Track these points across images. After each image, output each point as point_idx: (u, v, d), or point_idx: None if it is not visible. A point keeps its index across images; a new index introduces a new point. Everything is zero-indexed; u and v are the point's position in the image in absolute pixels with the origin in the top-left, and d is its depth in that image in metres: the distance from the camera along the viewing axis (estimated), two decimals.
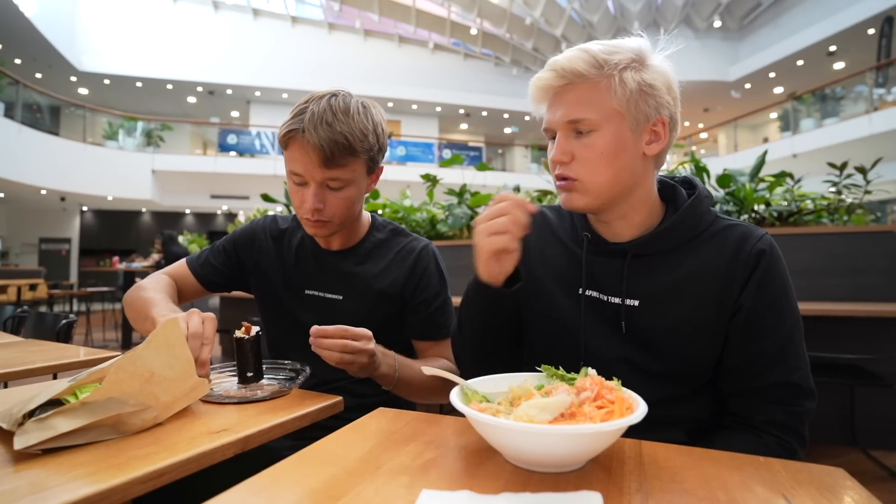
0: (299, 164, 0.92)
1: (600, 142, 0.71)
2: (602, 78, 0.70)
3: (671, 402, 0.71)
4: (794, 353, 0.70)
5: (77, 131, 11.44)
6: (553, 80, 0.72)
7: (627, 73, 0.70)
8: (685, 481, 0.47)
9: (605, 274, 0.78)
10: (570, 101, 0.71)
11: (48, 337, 1.67)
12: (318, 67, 14.42)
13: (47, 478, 0.48)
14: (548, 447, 0.46)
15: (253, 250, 1.13)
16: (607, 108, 0.70)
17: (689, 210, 0.74)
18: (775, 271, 0.71)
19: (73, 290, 8.04)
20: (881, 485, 2.00)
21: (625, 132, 0.71)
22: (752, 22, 13.35)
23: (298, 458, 0.51)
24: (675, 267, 0.74)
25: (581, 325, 0.77)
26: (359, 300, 1.04)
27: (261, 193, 4.01)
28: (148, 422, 0.61)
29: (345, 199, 0.96)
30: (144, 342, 0.63)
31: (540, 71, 0.73)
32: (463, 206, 3.39)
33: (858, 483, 0.47)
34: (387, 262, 1.06)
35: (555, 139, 0.75)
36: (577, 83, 0.71)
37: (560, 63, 0.71)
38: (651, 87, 0.70)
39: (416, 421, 0.64)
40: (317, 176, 0.92)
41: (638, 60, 0.71)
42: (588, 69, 0.70)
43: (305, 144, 0.89)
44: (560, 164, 0.73)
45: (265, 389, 0.80)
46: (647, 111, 0.71)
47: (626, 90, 0.69)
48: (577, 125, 0.71)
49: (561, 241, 0.84)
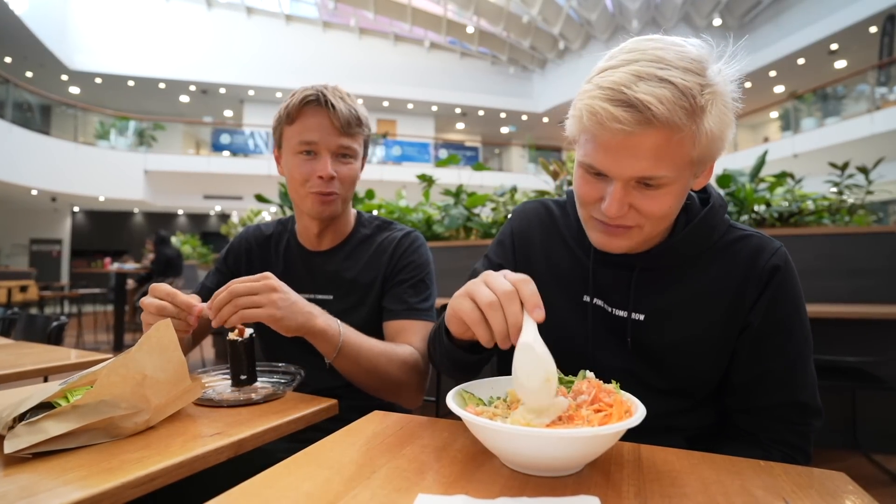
0: (315, 132, 0.95)
1: (670, 197, 0.62)
2: (693, 126, 0.57)
3: (674, 414, 0.71)
4: (802, 372, 0.68)
5: (68, 131, 11.34)
6: (632, 124, 0.56)
7: (713, 113, 0.58)
8: (684, 485, 0.47)
9: (611, 285, 0.74)
10: (648, 154, 0.58)
11: (39, 339, 1.65)
12: (312, 66, 14.38)
13: (38, 482, 0.47)
14: (545, 451, 0.46)
15: (244, 259, 1.14)
16: (687, 160, 0.60)
17: (702, 224, 0.70)
18: (788, 288, 0.68)
19: (64, 292, 7.97)
20: (883, 489, 1.98)
21: (690, 179, 0.63)
22: (752, 20, 13.33)
23: (293, 462, 0.51)
24: (684, 281, 0.70)
25: (588, 335, 0.75)
26: (348, 297, 1.04)
27: (255, 194, 3.98)
28: (140, 425, 0.61)
29: (351, 171, 1.00)
30: (137, 344, 0.62)
31: (605, 101, 0.56)
32: (459, 207, 3.38)
33: (860, 487, 0.47)
34: (369, 255, 1.07)
35: (599, 177, 0.63)
36: (663, 132, 0.56)
37: (652, 105, 0.54)
38: (726, 126, 0.60)
39: (411, 424, 0.64)
40: (332, 143, 0.96)
41: (712, 87, 0.58)
42: (685, 120, 0.56)
43: (323, 112, 0.94)
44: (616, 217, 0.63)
45: (259, 392, 0.79)
46: (715, 153, 0.62)
47: (709, 138, 0.59)
48: (648, 181, 0.60)
49: (567, 244, 0.80)
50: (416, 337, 0.95)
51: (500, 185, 3.75)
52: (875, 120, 9.13)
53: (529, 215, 0.87)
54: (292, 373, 0.88)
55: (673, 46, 0.59)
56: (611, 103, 0.56)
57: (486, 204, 3.44)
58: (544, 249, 0.82)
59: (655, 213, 0.62)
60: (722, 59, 0.61)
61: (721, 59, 0.61)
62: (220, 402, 0.74)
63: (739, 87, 0.62)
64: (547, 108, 15.91)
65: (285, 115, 0.98)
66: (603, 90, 0.57)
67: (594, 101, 0.57)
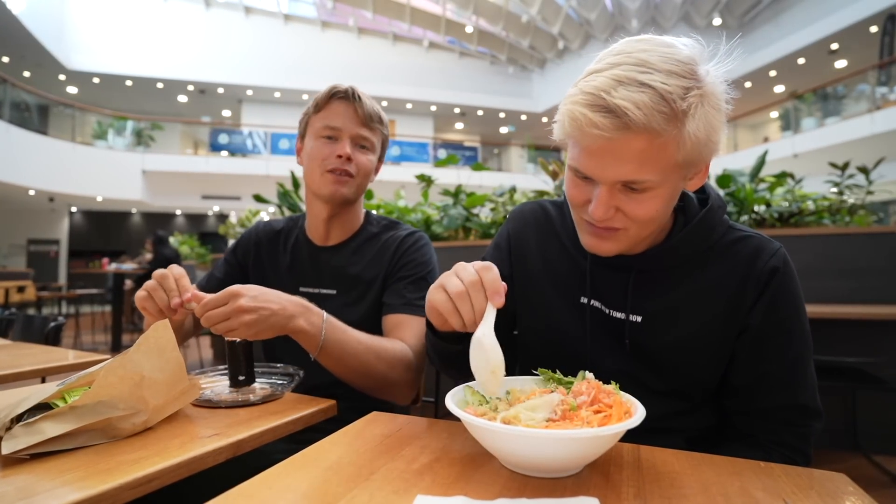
0: (339, 119, 1.03)
1: (657, 201, 0.61)
2: (674, 130, 0.56)
3: (673, 416, 0.70)
4: (802, 374, 0.68)
5: (66, 131, 11.31)
6: (610, 130, 0.55)
7: (697, 116, 0.57)
8: (684, 487, 0.47)
9: (609, 286, 0.74)
10: (630, 159, 0.57)
11: (36, 340, 1.65)
12: (310, 66, 14.36)
13: (35, 483, 0.47)
14: (543, 452, 0.45)
15: (252, 253, 1.17)
16: (671, 164, 0.59)
17: (701, 225, 0.69)
18: (787, 290, 0.67)
19: (61, 293, 7.95)
20: (884, 490, 1.97)
21: (678, 182, 0.63)
22: (752, 19, 13.28)
23: (291, 463, 0.51)
24: (682, 283, 0.70)
25: (585, 336, 0.75)
26: (351, 292, 1.07)
27: (253, 194, 3.98)
28: (138, 426, 0.61)
29: (367, 161, 1.06)
30: (135, 345, 0.62)
31: (585, 106, 0.56)
32: (458, 207, 3.38)
33: (860, 489, 0.47)
34: (375, 252, 1.09)
35: (587, 180, 0.63)
36: (643, 136, 0.56)
37: (629, 111, 0.54)
38: (714, 129, 0.59)
39: (410, 425, 0.64)
40: (353, 130, 1.03)
41: (700, 90, 0.57)
42: (663, 125, 0.55)
43: (349, 103, 1.03)
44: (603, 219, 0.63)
45: (257, 393, 0.79)
46: (705, 156, 0.61)
47: (694, 141, 0.57)
48: (632, 184, 0.60)
49: (563, 244, 0.80)
50: (411, 332, 0.95)
51: (499, 186, 3.74)
52: (875, 120, 9.10)
53: (526, 217, 0.87)
54: (291, 373, 0.88)
55: (661, 48, 0.58)
56: (590, 109, 0.56)
57: (485, 204, 3.44)
58: (541, 251, 0.82)
59: (642, 216, 0.62)
60: (714, 58, 0.60)
61: (713, 59, 0.60)
62: (218, 402, 0.74)
63: (732, 88, 0.61)
64: (546, 107, 15.90)
65: (313, 106, 1.07)
66: (584, 95, 0.57)
67: (575, 106, 0.57)
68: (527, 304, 0.81)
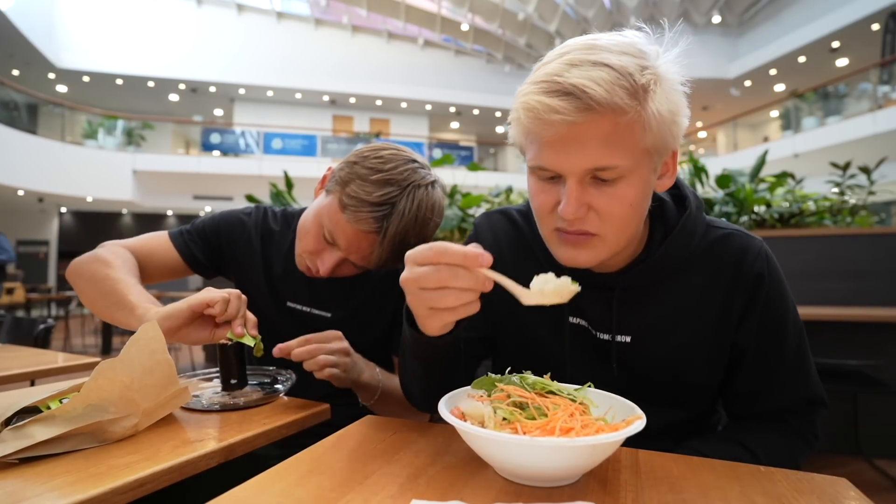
0: (343, 238, 0.86)
1: (630, 192, 0.57)
2: (638, 107, 0.53)
3: (671, 427, 0.69)
4: (801, 369, 0.68)
5: (55, 130, 11.18)
6: (573, 113, 0.52)
7: (658, 94, 0.55)
8: (683, 492, 0.46)
9: (592, 305, 0.70)
10: (596, 143, 0.54)
11: (25, 342, 1.63)
12: (304, 65, 14.30)
13: (25, 488, 0.46)
14: (539, 461, 0.44)
15: (236, 242, 1.03)
16: (640, 148, 0.56)
17: (682, 233, 0.66)
18: (775, 295, 0.67)
19: (51, 294, 7.86)
20: (886, 495, 1.96)
21: (649, 173, 0.59)
22: (752, 17, 13.28)
23: (284, 467, 0.51)
24: (667, 295, 0.68)
25: (566, 357, 0.71)
26: (351, 320, 0.97)
27: (245, 194, 3.96)
28: (128, 430, 0.60)
29: (351, 265, 0.92)
30: (125, 347, 0.61)
31: (540, 94, 0.53)
32: (454, 208, 3.38)
33: (862, 493, 0.46)
34: (380, 279, 1.00)
35: (553, 180, 0.59)
36: (608, 117, 0.53)
37: (588, 88, 0.51)
38: (678, 107, 0.57)
39: (405, 429, 0.63)
40: (355, 252, 0.87)
41: (654, 68, 0.55)
42: (628, 101, 0.52)
43: (372, 233, 0.84)
44: (575, 219, 0.58)
45: (249, 396, 0.78)
46: (670, 143, 0.58)
47: (659, 121, 0.55)
48: (602, 173, 0.56)
49: (538, 260, 0.72)
50: None
51: (495, 186, 3.75)
52: (877, 119, 9.07)
53: (496, 231, 0.80)
54: (283, 376, 0.87)
55: (606, 35, 0.58)
56: (546, 95, 0.53)
57: (482, 205, 3.44)
58: (516, 269, 0.70)
59: (615, 212, 0.58)
60: (662, 45, 0.59)
61: (662, 47, 0.59)
62: (209, 406, 0.74)
63: (685, 77, 0.59)
64: None
65: (344, 203, 0.89)
66: (536, 84, 0.54)
67: (529, 96, 0.54)
68: (505, 326, 0.76)
